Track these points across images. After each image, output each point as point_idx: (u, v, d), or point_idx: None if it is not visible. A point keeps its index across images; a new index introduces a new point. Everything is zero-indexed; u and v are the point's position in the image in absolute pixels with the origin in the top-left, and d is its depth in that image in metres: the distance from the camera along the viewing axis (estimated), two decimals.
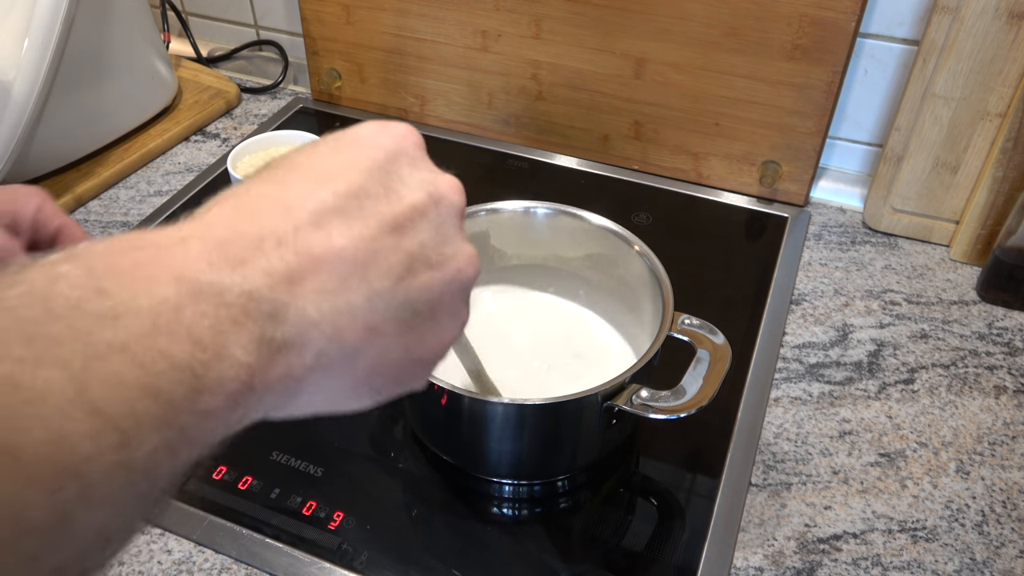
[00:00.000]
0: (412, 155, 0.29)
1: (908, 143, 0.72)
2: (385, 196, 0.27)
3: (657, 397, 0.47)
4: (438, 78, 0.88)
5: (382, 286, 0.26)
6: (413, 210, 0.28)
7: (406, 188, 0.28)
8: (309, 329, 0.24)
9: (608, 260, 0.58)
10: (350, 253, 0.25)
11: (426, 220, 0.28)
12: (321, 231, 0.25)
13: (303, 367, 0.24)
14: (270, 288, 0.23)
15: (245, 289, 0.23)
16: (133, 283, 0.21)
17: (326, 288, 0.25)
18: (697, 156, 0.82)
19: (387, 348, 0.27)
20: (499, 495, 0.55)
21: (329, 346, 0.25)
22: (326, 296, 0.25)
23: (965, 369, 0.63)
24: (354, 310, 0.25)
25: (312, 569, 0.49)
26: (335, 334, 0.25)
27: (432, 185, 0.29)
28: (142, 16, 0.86)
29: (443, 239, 0.29)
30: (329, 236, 0.25)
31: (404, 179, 0.28)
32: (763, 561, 0.50)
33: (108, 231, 0.76)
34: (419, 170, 0.29)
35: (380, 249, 0.26)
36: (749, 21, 0.72)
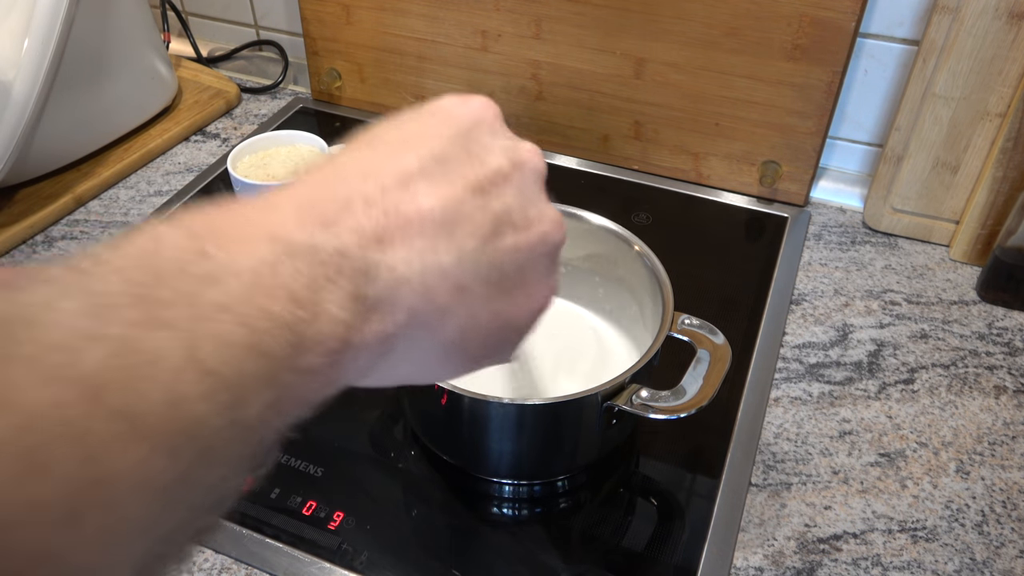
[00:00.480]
0: (491, 124, 0.30)
1: (908, 143, 0.72)
2: (468, 160, 0.27)
3: (657, 397, 0.47)
4: (438, 78, 0.88)
5: (470, 246, 0.27)
6: (496, 174, 0.28)
7: (488, 153, 0.28)
8: (400, 286, 0.25)
9: (608, 260, 0.58)
10: (438, 213, 0.26)
11: (510, 183, 0.28)
12: (408, 192, 0.25)
13: (396, 324, 0.25)
14: (360, 247, 0.24)
15: (336, 247, 0.23)
16: (231, 244, 0.21)
17: (415, 247, 0.25)
18: (697, 156, 0.82)
19: (477, 309, 0.28)
20: (499, 495, 0.55)
21: (420, 304, 0.25)
22: (415, 254, 0.25)
23: (965, 369, 0.63)
24: (443, 269, 0.26)
25: (312, 569, 0.49)
26: (426, 292, 0.25)
27: (513, 151, 0.29)
28: (142, 16, 0.86)
29: (527, 202, 0.29)
30: (416, 197, 0.25)
31: (485, 145, 0.29)
32: (763, 561, 0.50)
33: (108, 231, 0.76)
34: (499, 137, 0.29)
35: (466, 210, 0.27)
36: (749, 21, 0.72)
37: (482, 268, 0.27)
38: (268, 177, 0.66)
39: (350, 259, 0.23)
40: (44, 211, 0.76)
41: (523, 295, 0.30)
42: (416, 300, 0.25)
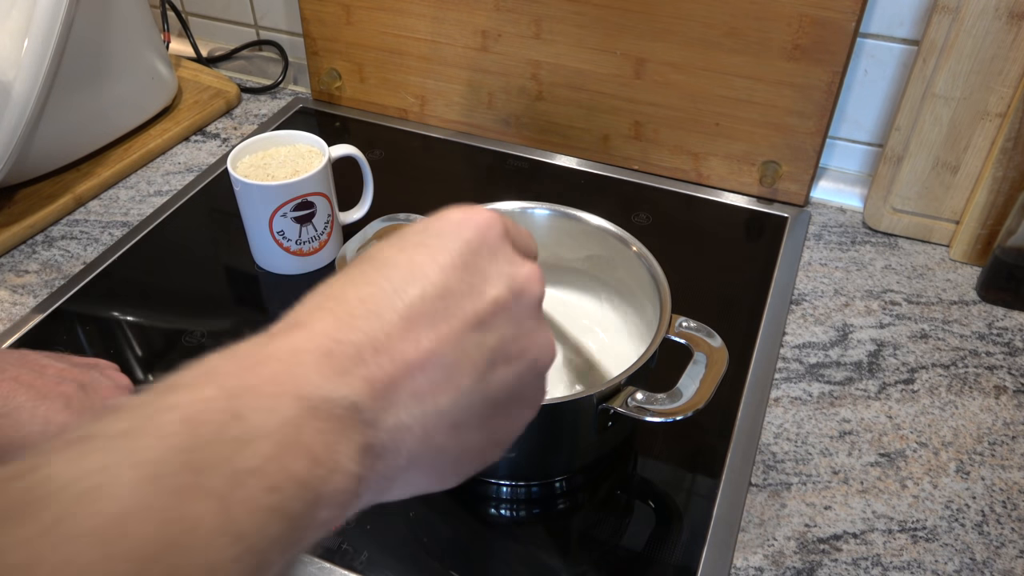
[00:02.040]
0: (493, 246, 0.30)
1: (908, 143, 0.72)
2: (468, 293, 0.29)
3: (653, 400, 0.47)
4: (438, 78, 0.88)
5: (466, 386, 0.28)
6: (495, 305, 0.29)
7: (487, 283, 0.29)
8: (403, 433, 0.26)
9: (607, 261, 0.59)
10: (438, 357, 0.27)
11: (506, 314, 0.29)
12: (411, 335, 0.27)
13: (396, 468, 0.27)
14: (372, 397, 0.25)
15: (352, 401, 0.25)
16: (261, 403, 0.23)
17: (418, 392, 0.27)
18: (697, 156, 0.82)
19: (470, 440, 0.29)
20: (497, 496, 0.55)
21: (419, 447, 0.27)
22: (417, 400, 0.27)
23: (965, 369, 0.63)
24: (441, 411, 0.27)
25: (312, 569, 0.49)
26: (424, 435, 0.27)
27: (512, 279, 0.30)
28: (142, 16, 0.86)
29: (521, 332, 0.30)
30: (419, 341, 0.27)
31: (485, 273, 0.29)
32: (763, 561, 0.50)
33: (108, 231, 0.76)
34: (499, 262, 0.30)
35: (465, 348, 0.28)
36: (749, 21, 0.72)
37: (477, 404, 0.29)
38: (268, 177, 0.66)
39: (362, 411, 0.25)
40: (44, 211, 0.76)
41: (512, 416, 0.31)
42: (416, 444, 0.27)
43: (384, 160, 0.86)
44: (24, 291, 0.70)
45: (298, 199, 0.66)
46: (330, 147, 0.69)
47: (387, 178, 0.80)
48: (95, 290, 0.70)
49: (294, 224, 0.67)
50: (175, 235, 0.77)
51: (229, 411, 0.22)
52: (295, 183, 0.65)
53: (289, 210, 0.66)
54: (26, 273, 0.72)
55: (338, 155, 0.70)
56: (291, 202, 0.66)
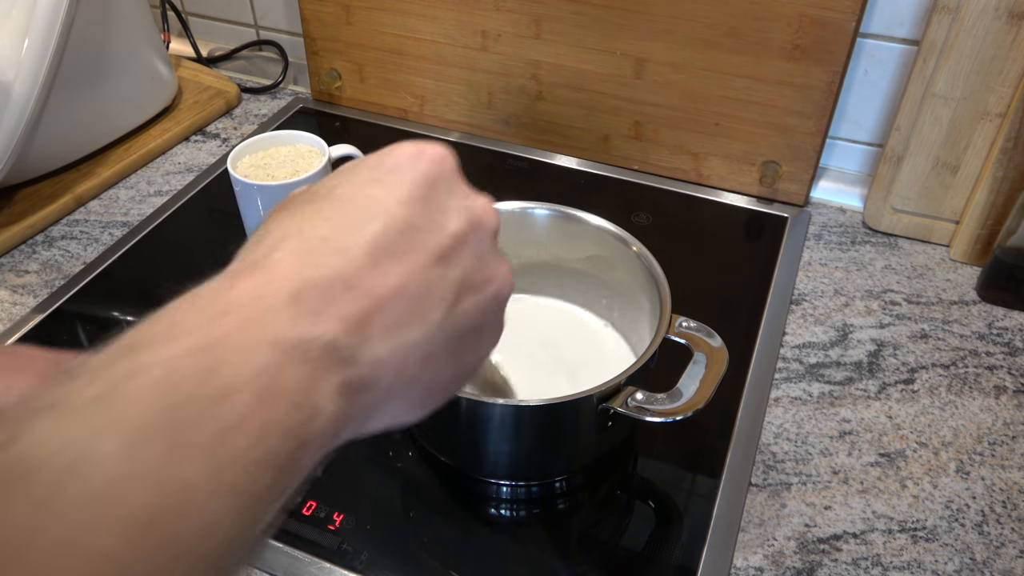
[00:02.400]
0: (448, 179, 0.31)
1: (908, 143, 0.72)
2: (429, 227, 0.29)
3: (653, 400, 0.47)
4: (438, 78, 0.88)
5: (435, 317, 0.28)
6: (455, 239, 0.29)
7: (446, 217, 0.30)
8: (380, 367, 0.26)
9: (607, 261, 0.58)
10: (406, 290, 0.27)
11: (467, 247, 0.30)
12: (378, 270, 0.27)
13: (376, 401, 0.27)
14: (346, 334, 0.25)
15: (327, 340, 0.24)
16: (234, 354, 0.22)
17: (390, 325, 0.27)
18: (697, 156, 0.82)
19: (440, 370, 0.30)
20: (497, 496, 0.55)
21: (395, 379, 0.27)
22: (391, 333, 0.27)
23: (965, 369, 0.63)
24: (415, 343, 0.28)
25: (312, 569, 0.49)
26: (400, 367, 0.27)
27: (470, 211, 0.31)
28: (142, 16, 0.86)
29: (483, 263, 0.31)
30: (387, 275, 0.27)
31: (444, 207, 0.30)
32: (763, 561, 0.50)
33: (108, 231, 0.76)
34: (455, 196, 0.31)
35: (431, 281, 0.28)
36: (749, 21, 0.72)
37: (446, 334, 0.29)
38: (268, 177, 0.66)
39: (338, 349, 0.25)
40: (44, 211, 0.76)
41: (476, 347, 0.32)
42: (392, 377, 0.27)
43: None
44: (24, 291, 0.70)
45: None
46: (330, 147, 0.69)
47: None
48: (95, 290, 0.70)
49: None
50: (175, 235, 0.77)
51: (203, 366, 0.22)
52: (295, 183, 0.65)
53: None
54: (26, 273, 0.72)
55: (338, 155, 0.70)
56: None
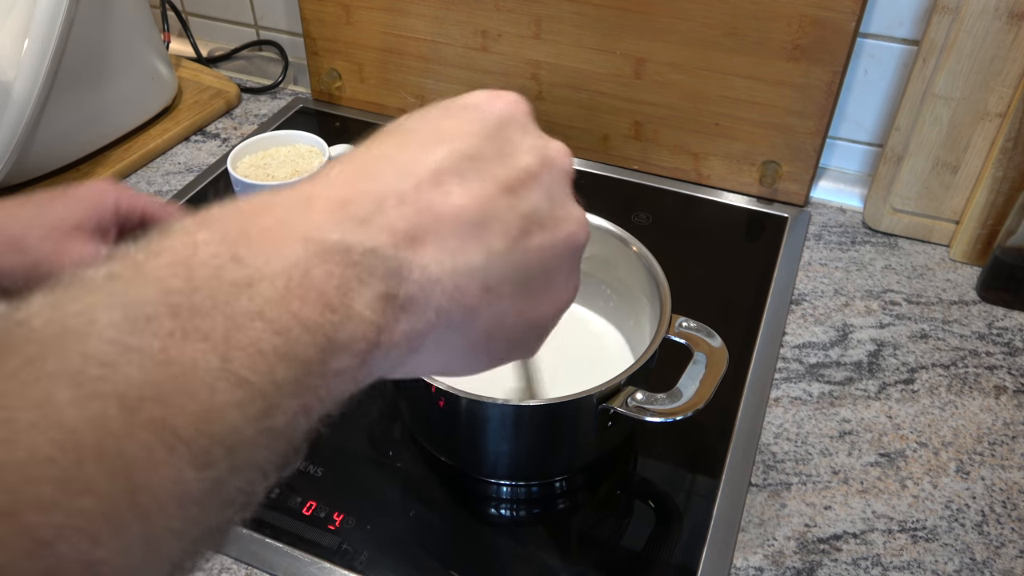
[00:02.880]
0: (522, 121, 0.30)
1: (908, 143, 0.72)
2: (499, 159, 0.28)
3: (653, 400, 0.47)
4: (438, 78, 0.88)
5: (499, 246, 0.27)
6: (526, 173, 0.28)
7: (518, 152, 0.28)
8: (431, 286, 0.25)
9: (607, 261, 0.58)
10: (469, 212, 0.26)
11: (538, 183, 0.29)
12: (440, 189, 0.25)
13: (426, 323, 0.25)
14: (394, 246, 0.24)
15: (369, 247, 0.23)
16: (264, 247, 0.21)
17: (447, 246, 0.25)
18: (697, 156, 0.82)
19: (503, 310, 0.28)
20: (497, 496, 0.55)
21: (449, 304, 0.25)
22: (447, 254, 0.25)
23: (965, 369, 0.63)
24: (473, 269, 0.26)
25: (312, 569, 0.49)
26: (455, 292, 0.25)
27: (543, 150, 0.29)
28: (142, 16, 0.86)
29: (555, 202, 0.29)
30: (448, 195, 0.25)
31: (516, 143, 0.29)
32: (763, 561, 0.50)
33: None
34: (529, 135, 0.29)
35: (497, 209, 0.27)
36: (749, 21, 0.72)
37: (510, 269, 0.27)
38: (268, 177, 0.66)
39: (383, 259, 0.23)
40: None
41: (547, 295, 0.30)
42: (445, 300, 0.25)
43: None
44: None
45: None
46: (330, 147, 0.69)
47: None
48: None
49: None
50: None
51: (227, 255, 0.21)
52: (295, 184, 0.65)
53: None
54: None
55: (338, 154, 0.70)
56: None
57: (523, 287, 0.28)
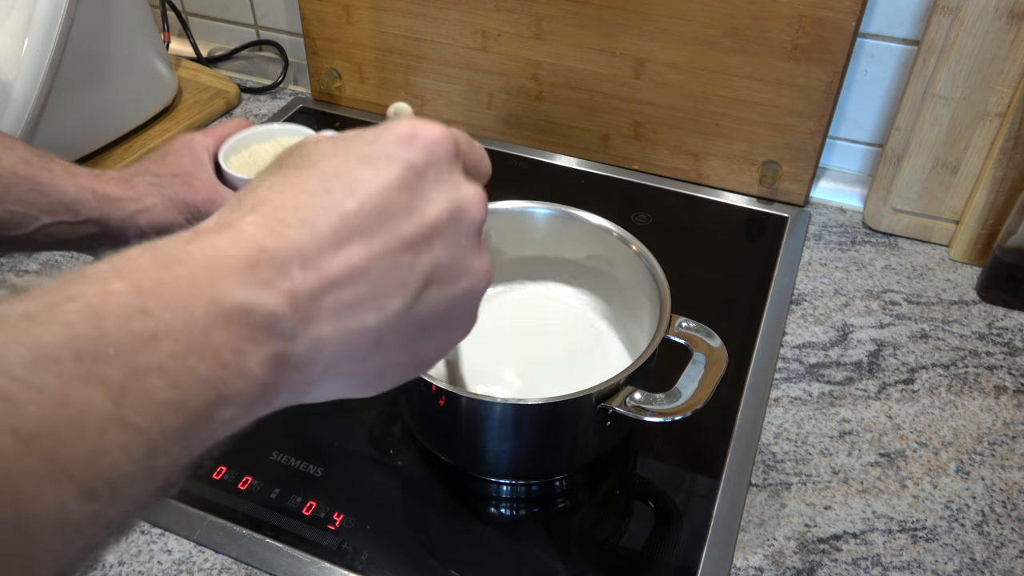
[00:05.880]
0: (440, 167, 0.29)
1: (908, 143, 0.72)
2: (406, 213, 0.28)
3: (651, 400, 0.47)
4: (438, 78, 0.88)
5: (394, 306, 0.27)
6: (432, 228, 0.28)
7: (428, 204, 0.29)
8: (322, 346, 0.26)
9: (607, 261, 0.59)
10: (367, 273, 0.27)
11: (444, 237, 0.29)
12: (343, 253, 0.26)
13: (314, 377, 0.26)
14: (292, 308, 0.25)
15: (270, 311, 0.24)
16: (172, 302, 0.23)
17: (341, 307, 0.26)
18: (697, 156, 0.82)
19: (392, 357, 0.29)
20: (497, 495, 0.55)
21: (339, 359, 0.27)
22: (341, 315, 0.26)
23: (965, 369, 0.63)
24: (365, 329, 0.27)
25: (312, 569, 0.49)
26: (344, 349, 0.27)
27: (454, 202, 0.29)
28: (142, 16, 0.86)
29: (459, 256, 0.30)
30: (350, 257, 0.26)
31: (427, 194, 0.29)
32: (763, 561, 0.50)
33: None
34: (443, 183, 0.29)
35: (396, 269, 0.27)
36: (749, 21, 0.72)
37: (404, 325, 0.28)
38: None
39: (279, 322, 0.24)
40: None
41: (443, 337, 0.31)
42: (335, 356, 0.27)
43: None
44: None
45: None
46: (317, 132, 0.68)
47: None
48: None
49: None
50: None
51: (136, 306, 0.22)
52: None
53: None
54: (26, 273, 0.72)
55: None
56: None
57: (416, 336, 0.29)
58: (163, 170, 0.57)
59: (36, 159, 0.53)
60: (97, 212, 0.53)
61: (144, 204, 0.55)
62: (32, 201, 0.52)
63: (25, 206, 0.51)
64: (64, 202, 0.52)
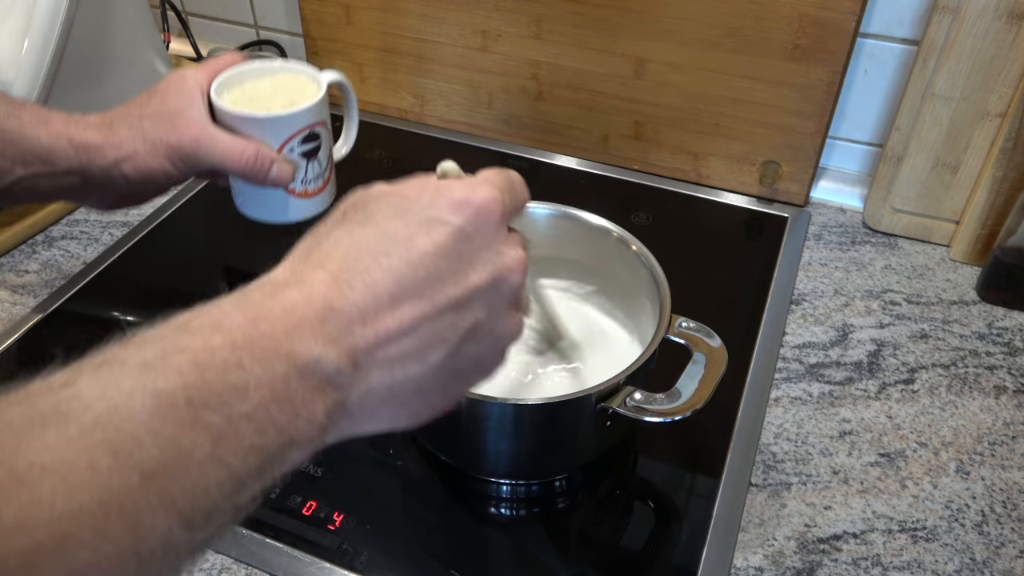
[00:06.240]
0: (488, 231, 0.33)
1: (908, 143, 0.72)
2: (454, 278, 0.31)
3: (651, 400, 0.47)
4: (438, 78, 0.88)
5: (436, 359, 0.31)
6: (475, 291, 0.32)
7: (474, 267, 0.32)
8: (369, 394, 0.30)
9: (607, 261, 0.58)
10: (416, 332, 0.30)
11: (484, 299, 0.32)
12: (396, 312, 0.30)
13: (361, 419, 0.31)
14: (352, 364, 0.29)
15: (335, 366, 0.28)
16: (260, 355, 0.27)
17: (390, 360, 0.30)
18: (697, 156, 0.82)
19: (430, 399, 0.33)
20: (497, 495, 0.55)
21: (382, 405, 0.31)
22: (388, 367, 0.30)
23: (965, 369, 0.63)
24: (408, 378, 0.31)
25: (312, 569, 0.49)
26: (388, 396, 0.31)
27: (496, 268, 0.33)
28: (142, 16, 0.86)
29: (494, 315, 0.33)
30: (402, 316, 0.30)
31: (473, 259, 0.32)
32: (763, 561, 0.50)
33: (108, 231, 0.76)
34: (490, 249, 0.33)
35: (440, 327, 0.31)
36: (749, 21, 0.72)
37: (442, 374, 0.32)
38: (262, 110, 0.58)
39: (342, 375, 0.28)
40: (44, 211, 0.76)
41: (472, 379, 0.35)
42: (378, 403, 0.31)
43: (384, 160, 0.86)
44: (24, 291, 0.70)
45: (307, 129, 0.59)
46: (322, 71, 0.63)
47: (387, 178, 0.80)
48: (95, 290, 0.70)
49: (301, 160, 0.60)
50: (175, 235, 0.77)
51: (233, 360, 0.26)
52: (305, 111, 0.58)
53: (297, 144, 0.59)
54: (26, 273, 0.72)
55: (330, 80, 0.63)
56: (300, 133, 0.58)
57: (451, 381, 0.33)
58: (146, 111, 0.53)
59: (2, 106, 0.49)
60: (76, 162, 0.50)
61: (125, 151, 0.51)
62: (2, 152, 0.49)
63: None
64: (37, 152, 0.49)
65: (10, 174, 0.50)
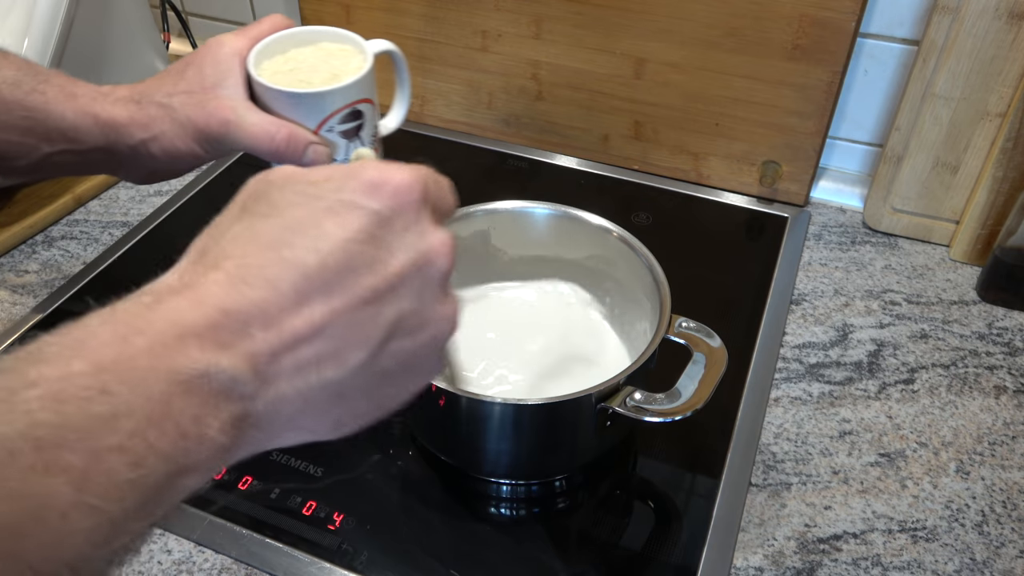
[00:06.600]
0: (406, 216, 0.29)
1: (908, 143, 0.72)
2: (370, 267, 0.27)
3: (651, 400, 0.47)
4: (438, 78, 0.88)
5: (357, 360, 0.27)
6: (397, 278, 0.28)
7: (394, 254, 0.28)
8: (281, 404, 0.26)
9: (607, 261, 0.59)
10: (329, 330, 0.26)
11: (408, 288, 0.28)
12: (303, 308, 0.26)
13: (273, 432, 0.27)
14: (253, 372, 0.25)
15: (231, 375, 0.24)
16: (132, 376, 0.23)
17: (302, 364, 0.26)
18: (697, 156, 0.82)
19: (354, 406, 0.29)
20: (497, 495, 0.55)
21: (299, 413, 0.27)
22: (301, 372, 0.26)
23: (965, 369, 0.63)
24: (326, 383, 0.27)
25: (312, 569, 0.49)
26: (305, 404, 0.27)
27: (420, 252, 0.29)
28: (142, 16, 0.86)
29: (423, 304, 0.29)
30: (311, 314, 0.26)
31: (392, 245, 0.28)
32: (763, 561, 0.50)
33: (108, 231, 0.76)
34: (411, 232, 0.29)
35: (358, 322, 0.27)
36: (749, 21, 0.72)
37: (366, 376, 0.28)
38: (301, 83, 0.54)
39: (239, 384, 0.25)
40: (44, 211, 0.76)
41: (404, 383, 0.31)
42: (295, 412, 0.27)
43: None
44: (24, 291, 0.70)
45: (348, 108, 0.54)
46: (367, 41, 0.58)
47: None
48: (95, 290, 0.70)
49: (341, 140, 0.55)
50: (175, 235, 0.77)
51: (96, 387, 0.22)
52: (345, 88, 0.53)
53: (336, 123, 0.54)
54: (26, 273, 0.72)
55: (377, 51, 0.58)
56: (340, 112, 0.54)
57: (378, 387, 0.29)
58: (178, 87, 0.50)
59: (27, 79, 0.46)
60: (102, 140, 0.48)
61: (152, 131, 0.48)
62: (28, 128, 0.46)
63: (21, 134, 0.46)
64: (62, 130, 0.47)
65: (36, 151, 0.47)
